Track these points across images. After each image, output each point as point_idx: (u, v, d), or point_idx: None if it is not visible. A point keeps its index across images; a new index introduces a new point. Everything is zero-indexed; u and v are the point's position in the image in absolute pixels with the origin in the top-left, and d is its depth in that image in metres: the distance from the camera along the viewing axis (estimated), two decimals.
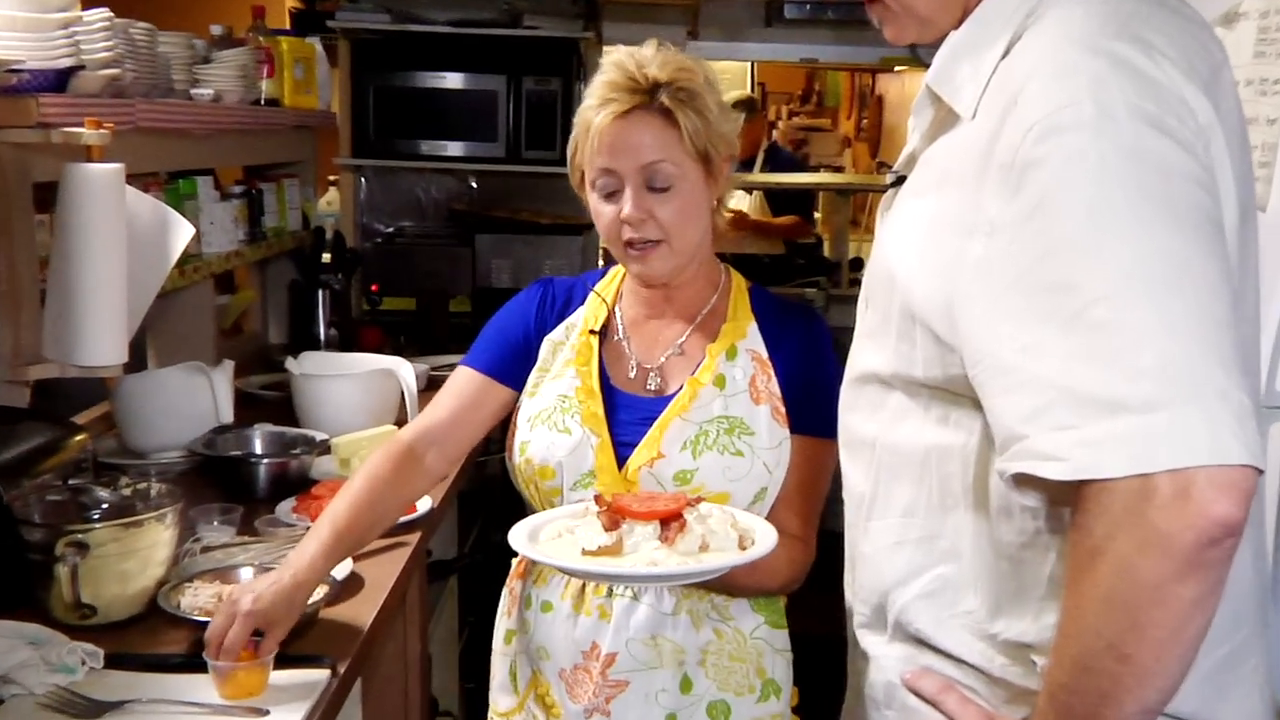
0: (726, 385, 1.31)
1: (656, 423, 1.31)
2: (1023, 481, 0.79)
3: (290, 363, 2.18)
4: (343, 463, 1.90)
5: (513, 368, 1.38)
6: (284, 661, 1.24)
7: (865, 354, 0.98)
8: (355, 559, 1.52)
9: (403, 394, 2.12)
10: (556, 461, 1.33)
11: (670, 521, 1.12)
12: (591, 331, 1.38)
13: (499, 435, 1.44)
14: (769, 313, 1.35)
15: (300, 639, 1.30)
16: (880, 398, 0.96)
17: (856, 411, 1.00)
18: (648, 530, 1.13)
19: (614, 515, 1.14)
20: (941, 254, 0.84)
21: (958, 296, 0.82)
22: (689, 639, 1.34)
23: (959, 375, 0.85)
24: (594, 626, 1.34)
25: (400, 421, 2.11)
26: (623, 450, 1.32)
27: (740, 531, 1.14)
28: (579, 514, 1.17)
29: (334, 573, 1.42)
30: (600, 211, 1.29)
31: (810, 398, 1.30)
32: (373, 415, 2.08)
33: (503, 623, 1.45)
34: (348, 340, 2.85)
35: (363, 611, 1.41)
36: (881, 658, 1.00)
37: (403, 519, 1.66)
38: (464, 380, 1.38)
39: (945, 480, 0.92)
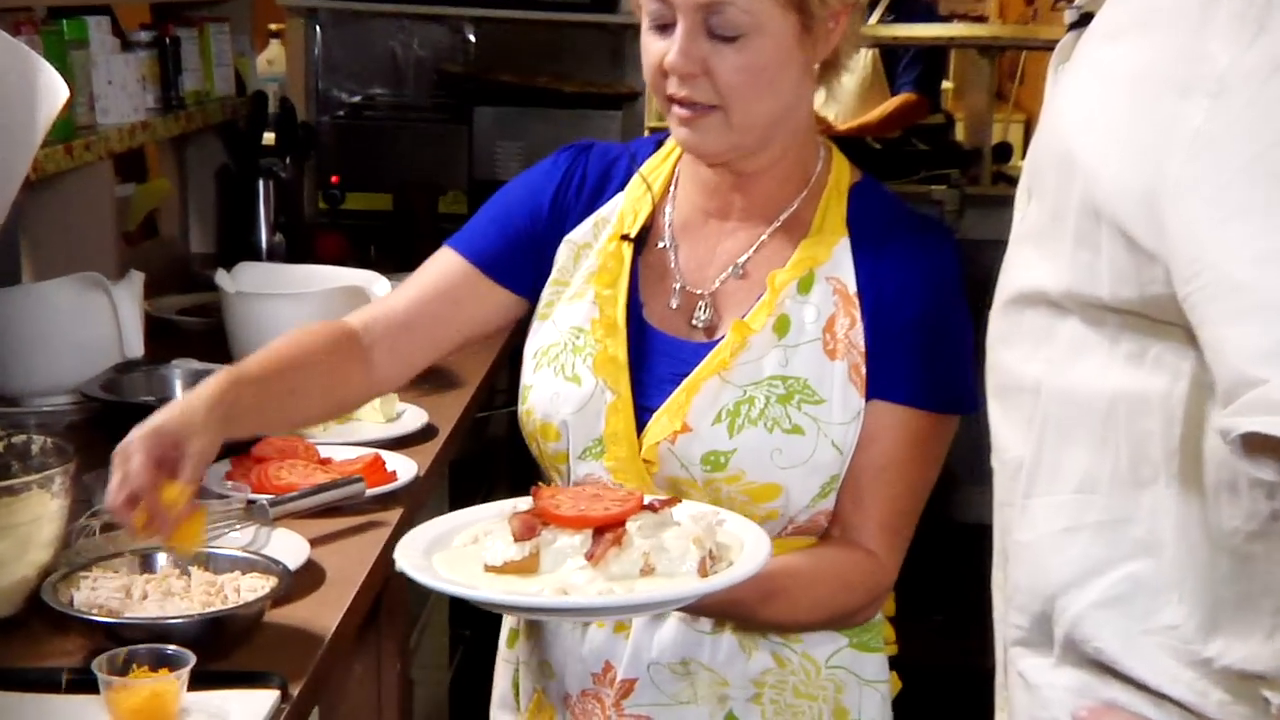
0: (790, 331, 1.33)
1: (685, 381, 1.33)
2: (1256, 445, 0.78)
3: (221, 278, 2.21)
4: None
5: (515, 263, 1.39)
6: (216, 680, 1.26)
7: (1026, 266, 0.96)
8: (314, 544, 1.56)
9: None
10: (561, 420, 1.36)
11: (603, 532, 1.17)
12: (624, 237, 1.39)
13: (506, 384, 1.44)
14: (871, 224, 1.35)
15: (238, 648, 1.33)
16: (1047, 326, 0.95)
17: (1012, 345, 0.99)
18: (573, 543, 1.17)
19: (528, 521, 1.18)
20: (1144, 123, 0.82)
21: (1166, 184, 0.79)
22: (735, 667, 1.38)
23: (1163, 295, 0.83)
24: (607, 642, 1.39)
25: None
26: (646, 415, 1.35)
27: (711, 550, 1.18)
28: (508, 513, 1.22)
29: (285, 559, 1.43)
30: (647, 48, 1.29)
31: (916, 353, 1.32)
32: None
33: (507, 622, 1.51)
34: (299, 249, 2.86)
35: (322, 615, 1.43)
36: (1044, 687, 0.99)
37: (379, 489, 1.73)
38: (443, 265, 1.40)
39: (1140, 442, 0.91)
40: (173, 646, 1.24)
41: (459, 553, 1.22)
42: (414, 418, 2.06)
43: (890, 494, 1.34)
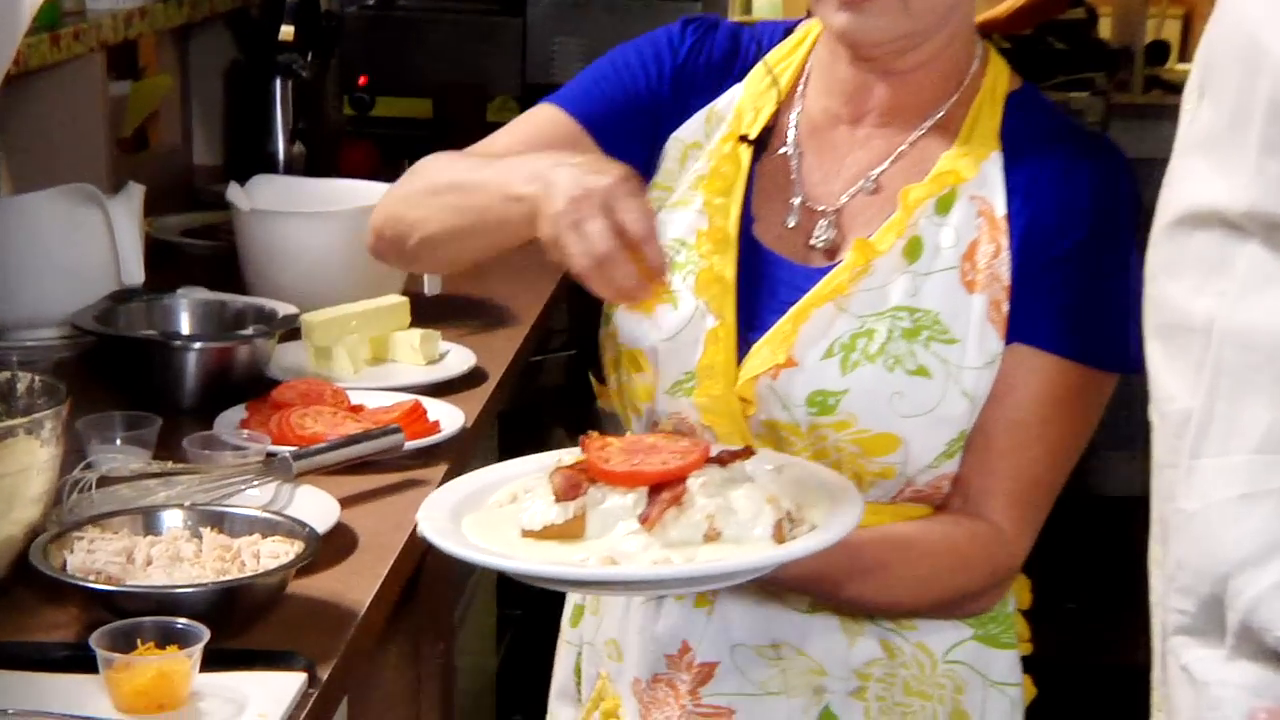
0: (922, 255, 1.34)
1: (794, 308, 1.35)
2: None
3: (233, 194, 2.24)
4: (319, 353, 2.03)
5: (630, 135, 1.40)
6: (231, 660, 1.27)
7: (1196, 180, 0.96)
8: (344, 504, 1.58)
9: None
10: (650, 346, 1.38)
11: (660, 491, 1.18)
12: (743, 138, 1.41)
13: (565, 324, 1.48)
14: (1028, 138, 1.36)
15: (256, 624, 1.34)
16: (1221, 252, 0.95)
17: (1178, 275, 1.00)
18: (625, 503, 1.19)
19: (573, 477, 1.20)
20: None
21: None
22: (835, 654, 1.39)
23: None
24: (685, 618, 1.40)
25: (412, 291, 2.25)
26: (747, 346, 1.37)
27: (789, 511, 1.20)
28: (550, 468, 1.24)
29: (311, 521, 1.44)
30: None
31: (1071, 293, 1.32)
32: (366, 277, 2.15)
33: (571, 597, 1.54)
34: (321, 162, 2.88)
35: (354, 587, 1.45)
36: (1214, 684, 1.00)
37: (419, 441, 1.76)
38: (545, 122, 1.43)
39: None
40: (182, 620, 1.24)
41: (493, 514, 1.23)
42: (459, 360, 2.09)
43: (1024, 458, 1.34)
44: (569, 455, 1.24)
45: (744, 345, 1.37)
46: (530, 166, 1.28)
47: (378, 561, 1.51)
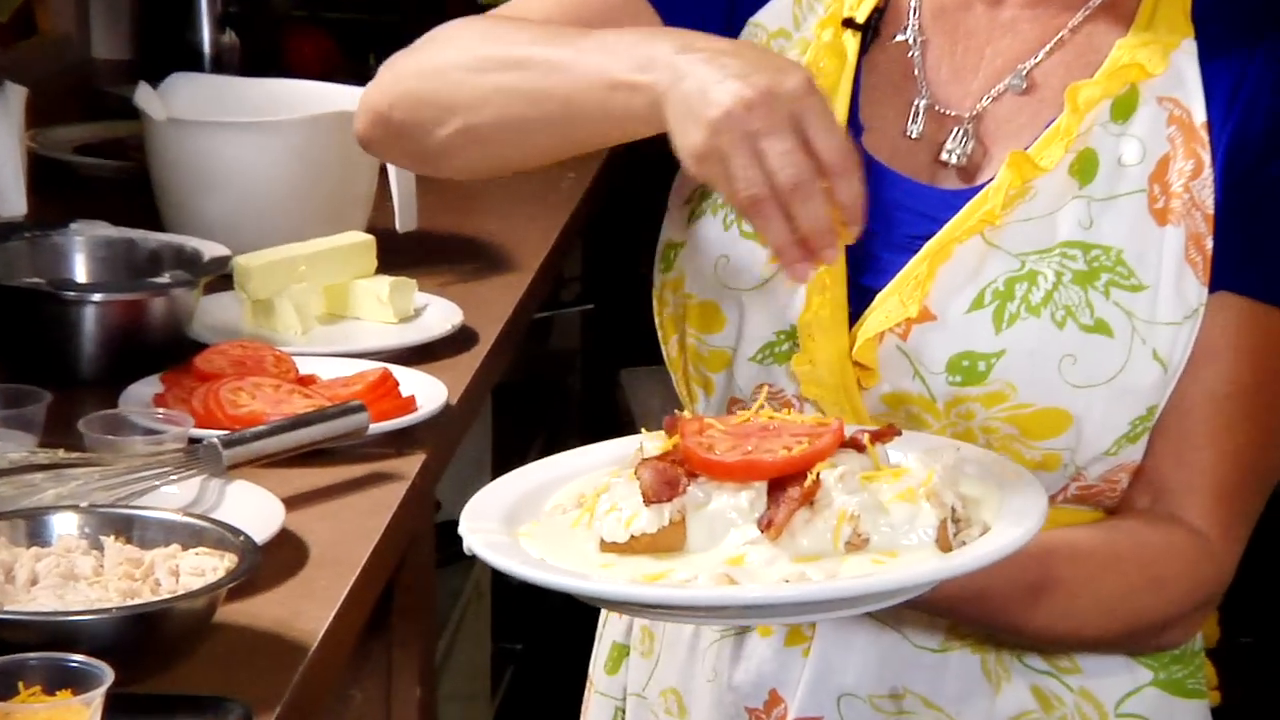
0: (1097, 174, 1.37)
1: (929, 245, 1.38)
2: None
3: (144, 97, 2.24)
4: (258, 308, 2.04)
5: (697, 9, 1.41)
6: (145, 709, 1.26)
7: None
8: (290, 505, 1.59)
9: (382, 166, 2.27)
10: (734, 298, 1.42)
11: (784, 488, 1.21)
12: (848, 22, 1.43)
13: (580, 270, 1.48)
14: (1232, 20, 1.37)
15: (177, 661, 1.34)
16: None
17: None
18: (738, 503, 1.22)
19: (666, 472, 1.23)
20: None
21: None
22: (977, 705, 1.43)
23: None
24: (774, 662, 1.44)
25: (379, 227, 2.27)
26: (865, 297, 1.41)
27: (954, 509, 1.22)
28: (634, 460, 1.27)
29: (247, 528, 1.46)
30: None
31: None
32: (319, 208, 2.23)
33: (606, 633, 1.59)
34: (260, 55, 2.89)
35: (304, 614, 1.46)
36: None
37: (389, 423, 1.77)
38: None
39: None
40: (79, 657, 1.22)
41: (556, 522, 1.26)
42: (441, 316, 2.12)
43: (1234, 442, 1.36)
44: (651, 443, 1.27)
45: (857, 294, 1.39)
46: (648, 48, 1.28)
47: (335, 581, 1.52)
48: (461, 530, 1.23)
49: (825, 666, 1.43)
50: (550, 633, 1.52)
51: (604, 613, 1.61)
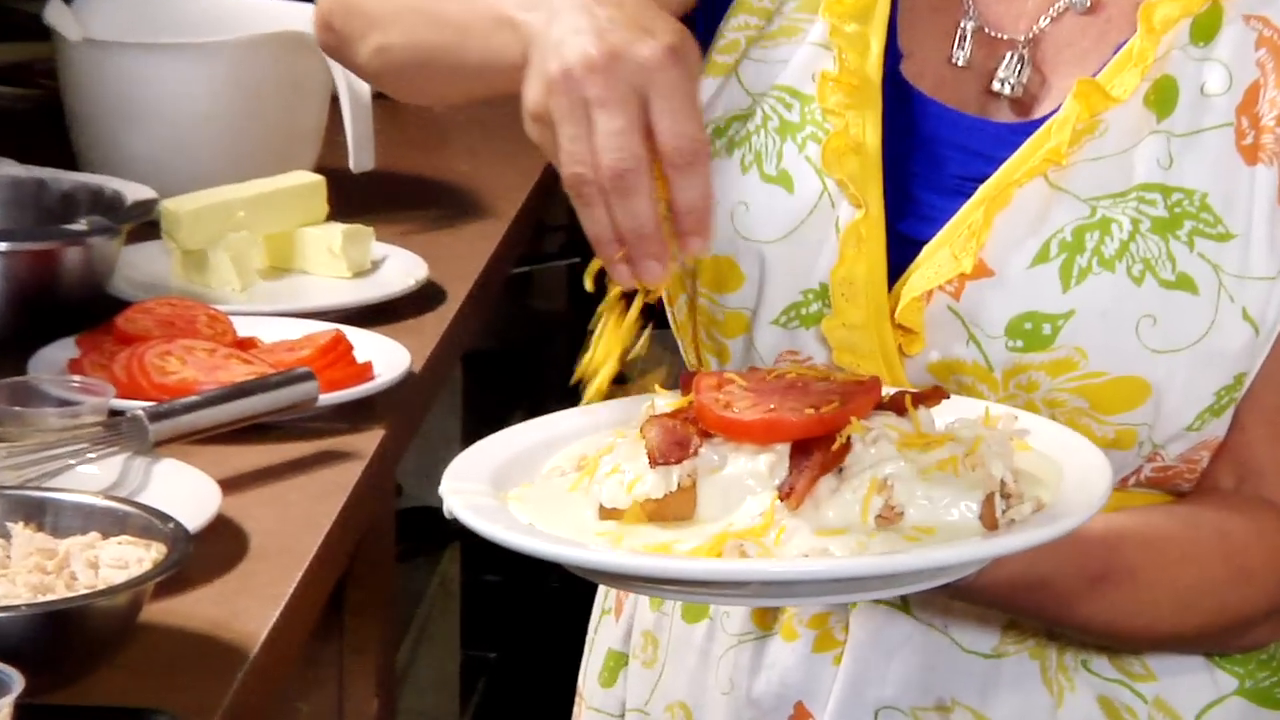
0: (1177, 106, 1.38)
1: (984, 188, 1.39)
2: None
3: (55, 12, 2.29)
4: (189, 260, 2.06)
5: None
6: (67, 719, 1.28)
7: None
8: (227, 488, 1.60)
9: (333, 94, 2.29)
10: (754, 251, 1.42)
11: (809, 451, 1.22)
12: None
13: (566, 219, 1.51)
14: None
15: (98, 666, 1.34)
16: None
17: None
18: (757, 468, 1.23)
19: (676, 431, 1.25)
20: None
21: None
22: (1034, 715, 1.44)
23: None
24: (801, 667, 1.46)
25: (331, 166, 2.28)
26: (909, 250, 1.41)
27: (1005, 482, 1.24)
28: (643, 418, 1.28)
29: (178, 513, 1.46)
30: None
31: None
32: (262, 143, 2.23)
33: (600, 638, 1.59)
34: None
35: (244, 616, 1.47)
36: None
37: (341, 394, 1.79)
38: None
39: None
40: None
41: (552, 486, 1.28)
42: (402, 270, 2.14)
43: None
44: (664, 400, 1.28)
45: (899, 246, 1.40)
46: None
47: (279, 576, 1.53)
48: (443, 490, 1.24)
49: (860, 675, 1.43)
50: (531, 639, 1.52)
51: (596, 615, 1.62)
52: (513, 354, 2.72)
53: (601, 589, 1.61)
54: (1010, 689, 1.43)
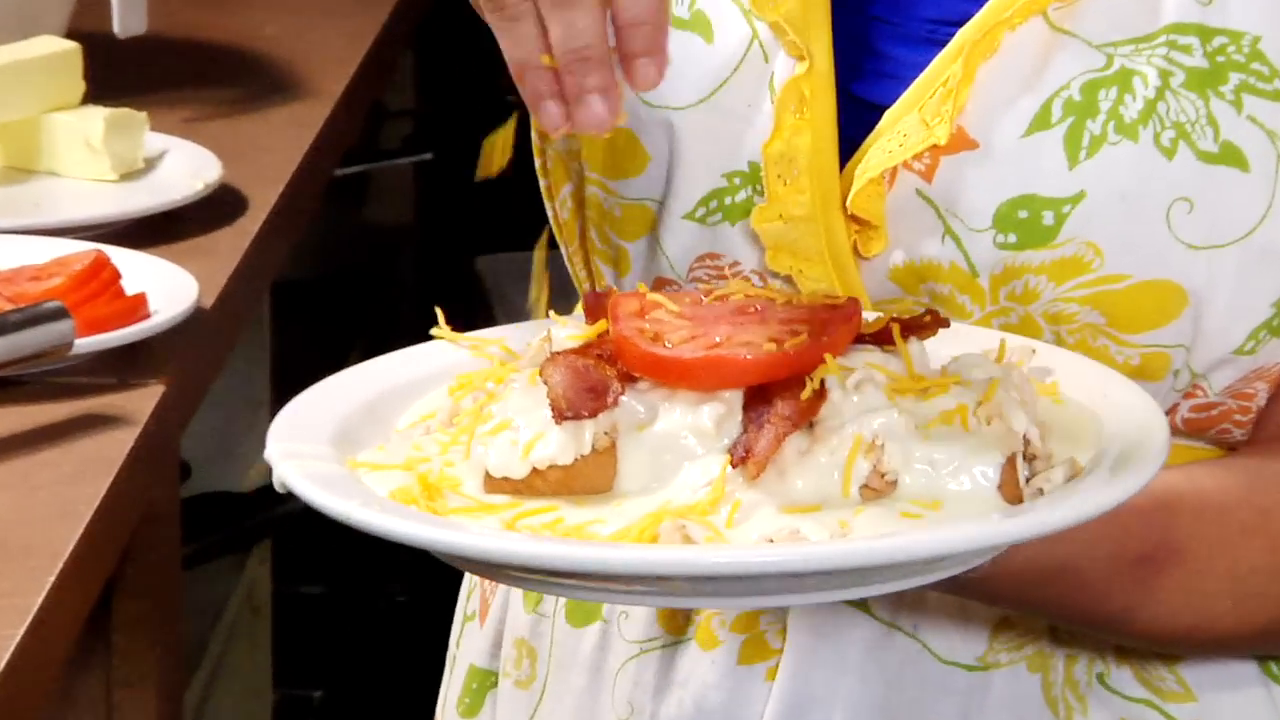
0: None
1: (962, 34, 1.42)
2: None
3: None
4: None
5: None
6: None
7: None
8: None
9: None
10: (659, 124, 1.46)
11: (770, 401, 1.24)
12: None
13: (413, 101, 1.56)
14: None
15: None
16: None
17: None
18: (699, 423, 1.25)
19: (590, 372, 1.25)
20: None
21: None
22: None
23: None
24: (723, 684, 1.50)
25: (85, 30, 2.29)
26: (866, 117, 1.45)
27: (1028, 439, 1.25)
28: (537, 356, 1.31)
29: None
30: None
31: None
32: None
33: (462, 653, 1.64)
34: None
35: None
36: None
37: (104, 337, 1.81)
38: None
39: None
40: None
41: (412, 443, 1.28)
42: (187, 170, 2.18)
43: None
44: (565, 330, 1.29)
45: (852, 112, 1.43)
46: None
47: (23, 584, 1.54)
48: (269, 454, 1.23)
49: (802, 694, 1.46)
50: (368, 669, 1.51)
51: (458, 624, 1.65)
52: (342, 282, 2.74)
53: (464, 588, 1.65)
54: (1002, 711, 1.46)
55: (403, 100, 2.67)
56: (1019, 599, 1.41)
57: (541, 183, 1.52)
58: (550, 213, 1.54)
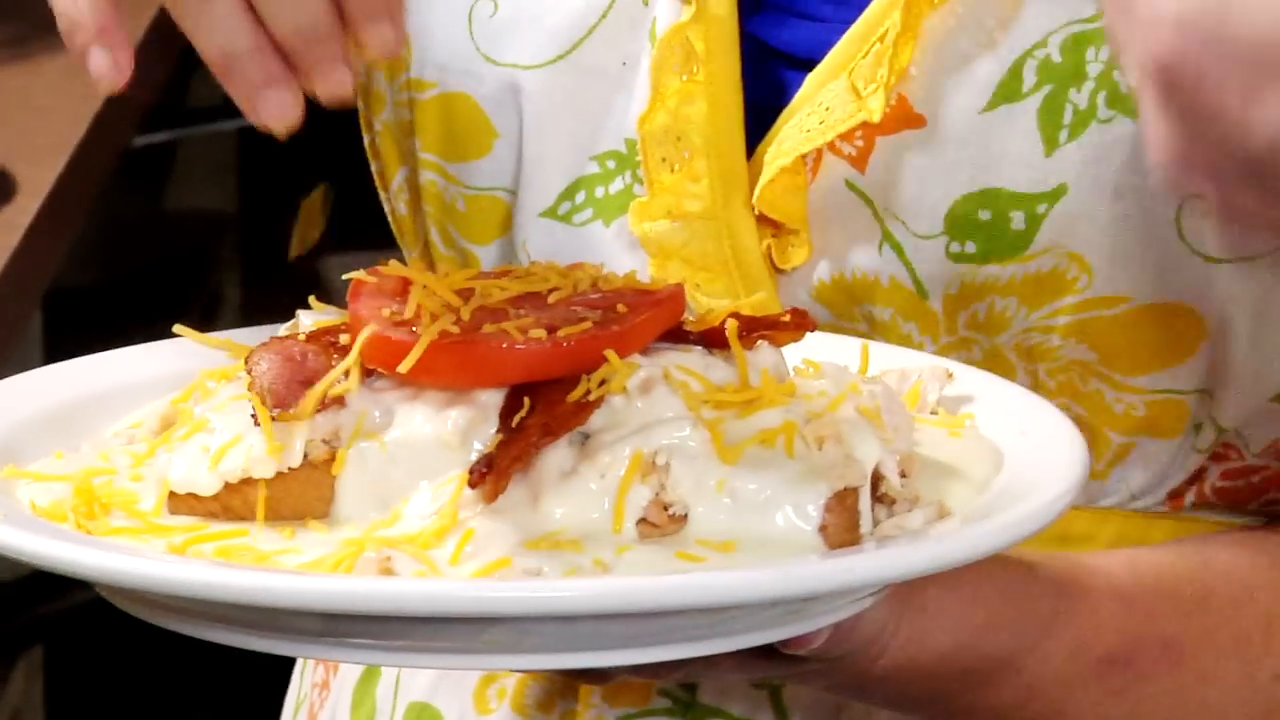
0: None
1: None
2: None
3: None
4: None
5: None
6: None
7: None
8: None
9: None
10: (506, 88, 1.46)
11: (536, 401, 1.22)
12: None
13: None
14: None
15: None
16: None
17: None
18: (438, 429, 1.22)
19: (304, 357, 1.24)
20: None
21: None
22: None
23: None
24: None
25: None
26: (777, 82, 1.42)
27: (867, 477, 1.20)
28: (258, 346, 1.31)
29: None
30: None
31: None
32: None
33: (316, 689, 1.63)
34: None
35: None
36: None
37: None
38: None
39: None
40: None
41: (99, 453, 1.25)
42: None
43: None
44: (319, 315, 1.27)
45: (762, 72, 1.40)
46: None
47: None
48: None
49: None
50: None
51: (289, 698, 1.63)
52: (137, 288, 2.58)
53: (296, 680, 1.63)
54: None
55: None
56: (935, 707, 1.34)
57: (372, 166, 1.50)
58: (385, 206, 1.52)
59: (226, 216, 2.83)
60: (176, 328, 1.29)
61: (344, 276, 1.24)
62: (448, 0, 1.45)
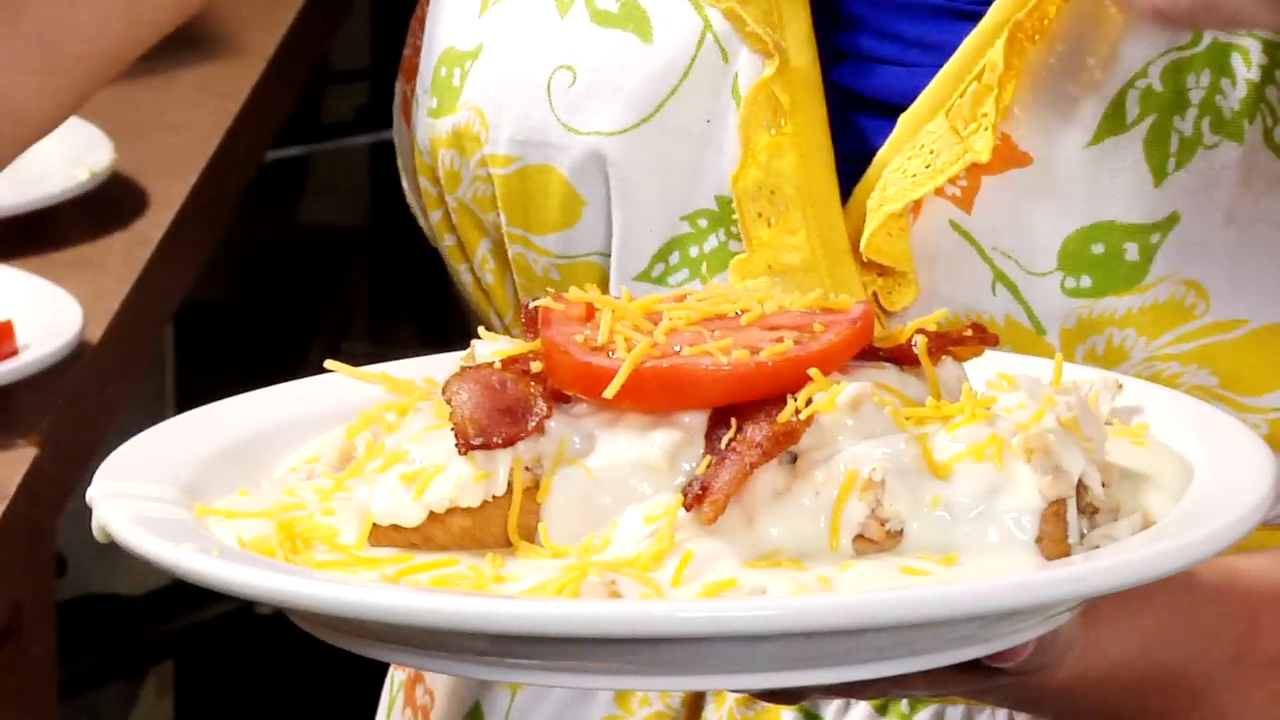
0: None
1: (999, 7, 1.39)
2: None
3: None
4: None
5: None
6: None
7: None
8: None
9: None
10: (589, 155, 1.45)
11: (743, 423, 1.20)
12: None
13: (365, 56, 1.85)
14: None
15: None
16: None
17: None
18: (644, 451, 1.21)
19: (507, 387, 1.23)
20: None
21: None
22: None
23: None
24: None
25: None
26: (870, 126, 1.43)
27: (1084, 483, 1.21)
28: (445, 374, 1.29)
29: None
30: None
31: None
32: None
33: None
34: None
35: None
36: None
37: None
38: None
39: None
40: None
41: (284, 489, 1.24)
42: (63, 151, 2.11)
43: None
44: (495, 344, 1.24)
45: (848, 119, 1.40)
46: None
47: None
48: (91, 494, 1.16)
49: None
50: None
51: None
52: (270, 303, 2.60)
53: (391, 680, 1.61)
54: None
55: (354, 59, 2.61)
56: (1101, 717, 1.34)
57: (445, 241, 1.49)
58: (466, 280, 1.52)
59: (358, 231, 2.85)
60: (329, 363, 1.28)
61: (531, 304, 1.25)
62: (524, 74, 1.44)
